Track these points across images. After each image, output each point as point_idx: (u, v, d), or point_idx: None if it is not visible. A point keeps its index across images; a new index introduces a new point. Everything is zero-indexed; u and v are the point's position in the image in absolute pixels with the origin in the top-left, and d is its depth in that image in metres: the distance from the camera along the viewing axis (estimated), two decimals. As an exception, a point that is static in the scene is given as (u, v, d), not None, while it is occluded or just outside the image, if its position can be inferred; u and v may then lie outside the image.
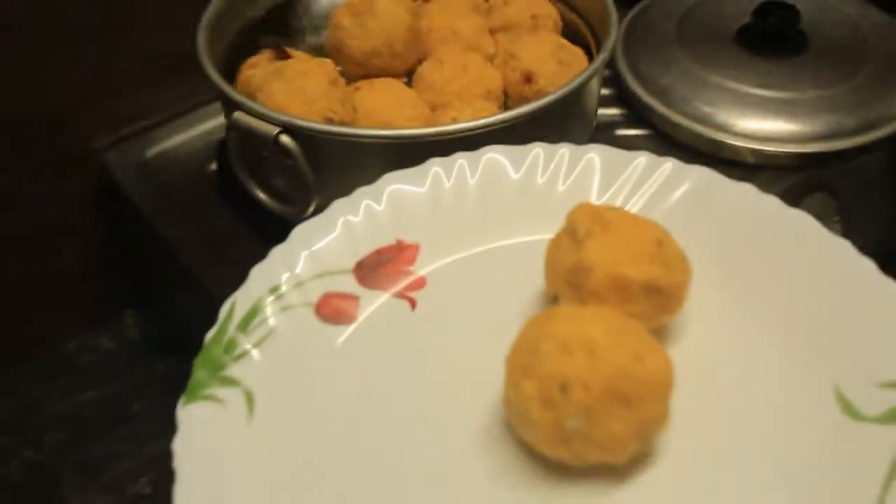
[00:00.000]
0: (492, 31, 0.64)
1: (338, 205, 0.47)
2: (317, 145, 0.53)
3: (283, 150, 0.53)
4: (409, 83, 0.61)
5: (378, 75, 0.61)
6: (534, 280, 0.43)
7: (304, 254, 0.44)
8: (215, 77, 0.56)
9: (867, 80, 0.69)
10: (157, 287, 0.78)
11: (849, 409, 0.38)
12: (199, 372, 0.39)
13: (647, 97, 0.69)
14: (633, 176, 0.47)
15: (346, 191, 0.47)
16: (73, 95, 0.70)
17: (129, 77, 0.72)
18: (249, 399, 0.38)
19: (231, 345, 0.40)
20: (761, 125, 0.66)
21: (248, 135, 0.54)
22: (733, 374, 0.40)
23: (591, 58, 0.62)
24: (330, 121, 0.54)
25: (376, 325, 0.43)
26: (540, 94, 0.56)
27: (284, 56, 0.60)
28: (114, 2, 0.69)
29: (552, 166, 0.48)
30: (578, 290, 0.39)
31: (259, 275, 0.43)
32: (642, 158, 0.48)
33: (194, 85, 0.71)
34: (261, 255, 0.64)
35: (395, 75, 0.62)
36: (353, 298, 0.44)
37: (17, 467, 0.72)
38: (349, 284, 0.44)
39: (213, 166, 0.71)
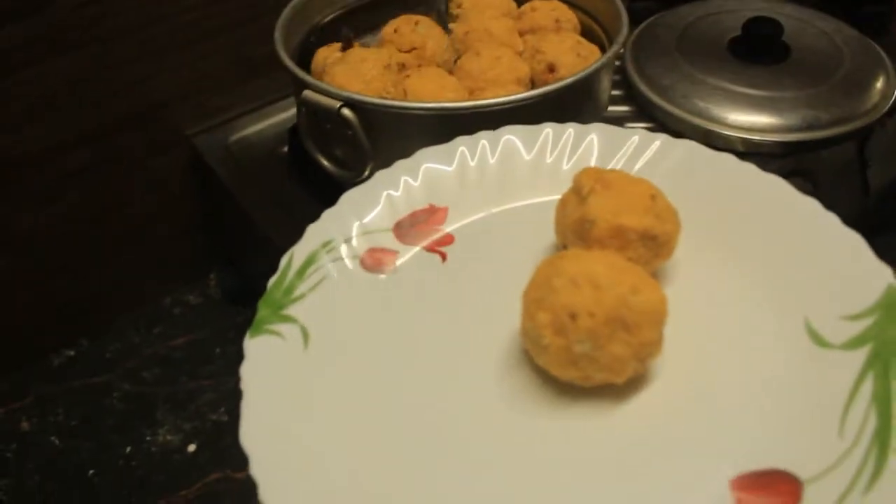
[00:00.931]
0: (521, 33, 0.63)
1: (380, 175, 0.47)
2: (372, 117, 0.52)
3: (344, 121, 0.52)
4: (451, 72, 0.60)
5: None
6: (545, 235, 0.43)
7: (351, 215, 0.45)
8: (288, 62, 0.55)
9: (839, 83, 0.68)
10: (237, 250, 0.78)
11: (817, 339, 0.37)
12: (263, 311, 0.39)
13: (652, 96, 0.67)
14: (628, 150, 0.47)
15: (396, 158, 0.47)
16: (173, 90, 0.71)
17: (218, 76, 0.73)
18: (305, 334, 0.39)
19: (289, 289, 0.40)
20: (749, 118, 0.64)
21: (314, 109, 0.53)
22: (717, 311, 0.40)
23: (604, 53, 0.61)
24: (384, 98, 0.53)
25: (411, 274, 0.43)
26: (561, 81, 0.55)
27: (350, 47, 0.60)
28: (207, 14, 0.69)
29: (559, 146, 0.48)
30: (584, 240, 0.39)
31: (314, 232, 0.43)
32: (636, 136, 0.47)
33: (270, 84, 0.72)
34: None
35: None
36: (392, 252, 0.44)
37: (119, 398, 0.71)
38: (389, 241, 0.44)
39: (284, 149, 0.71)
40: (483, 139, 0.48)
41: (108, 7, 0.64)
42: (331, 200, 0.63)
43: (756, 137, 0.63)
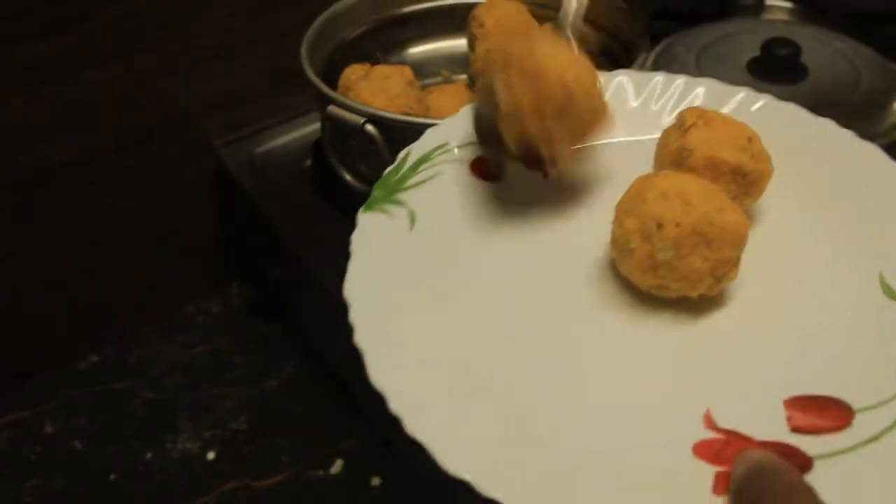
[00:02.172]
0: (541, 52, 0.63)
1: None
2: (395, 133, 0.53)
3: (368, 137, 0.53)
4: (472, 89, 0.60)
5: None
6: (644, 168, 0.44)
7: (468, 124, 0.46)
8: (313, 77, 0.56)
9: (857, 104, 0.67)
10: (259, 260, 0.78)
11: (889, 292, 0.38)
12: (377, 191, 0.42)
13: (670, 115, 0.67)
14: (732, 105, 0.48)
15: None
16: (200, 102, 0.72)
17: (245, 89, 0.74)
18: (412, 216, 0.41)
19: (403, 178, 0.43)
20: (766, 139, 0.64)
21: (338, 124, 0.54)
22: (795, 252, 0.41)
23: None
24: (407, 114, 0.54)
25: (516, 186, 0.45)
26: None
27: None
28: (236, 28, 0.70)
29: (666, 94, 0.49)
30: (680, 167, 0.40)
31: (432, 134, 0.45)
32: (742, 93, 0.48)
33: (295, 98, 0.72)
34: (343, 235, 0.64)
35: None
36: (500, 164, 0.46)
37: (140, 404, 0.72)
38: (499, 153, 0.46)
39: (308, 163, 0.71)
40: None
41: (140, 22, 0.65)
42: (354, 214, 0.64)
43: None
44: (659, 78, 0.49)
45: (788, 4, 0.83)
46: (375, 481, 0.65)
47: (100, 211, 0.71)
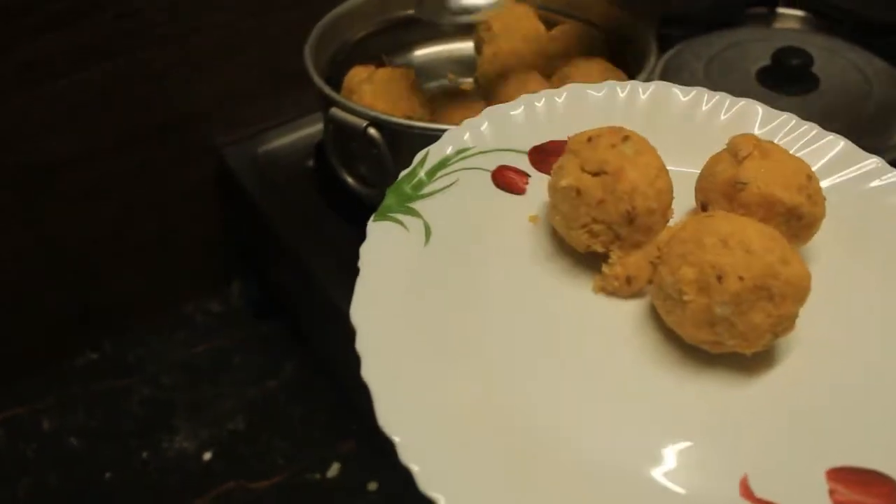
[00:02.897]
0: (550, 57, 0.62)
1: (524, 96, 0.44)
2: (398, 137, 0.52)
3: (370, 140, 0.52)
4: (479, 96, 0.60)
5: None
6: (680, 200, 0.40)
7: (491, 128, 0.43)
8: (317, 79, 0.55)
9: (868, 116, 0.66)
10: (260, 260, 0.78)
11: None
12: (390, 198, 0.39)
13: (678, 123, 0.66)
14: (783, 127, 0.44)
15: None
16: (204, 102, 0.71)
17: (249, 89, 0.73)
18: (427, 230, 0.38)
19: (419, 184, 0.40)
20: (775, 149, 0.62)
21: (341, 127, 0.53)
22: (845, 306, 0.38)
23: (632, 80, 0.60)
24: (410, 118, 0.53)
25: (539, 202, 0.41)
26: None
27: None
28: (240, 28, 0.69)
29: (713, 103, 0.45)
30: (730, 202, 0.37)
31: (451, 136, 0.42)
32: (793, 118, 0.44)
33: (298, 98, 0.71)
34: (345, 236, 0.63)
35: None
36: (524, 175, 0.42)
37: (139, 402, 0.71)
38: (523, 163, 0.42)
39: (311, 163, 0.71)
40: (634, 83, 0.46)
41: (141, 19, 0.64)
42: (356, 216, 0.62)
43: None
44: (702, 91, 0.45)
45: (800, 13, 0.81)
46: (372, 486, 0.64)
47: (101, 209, 0.70)
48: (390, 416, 0.30)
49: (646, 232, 0.37)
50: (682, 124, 0.45)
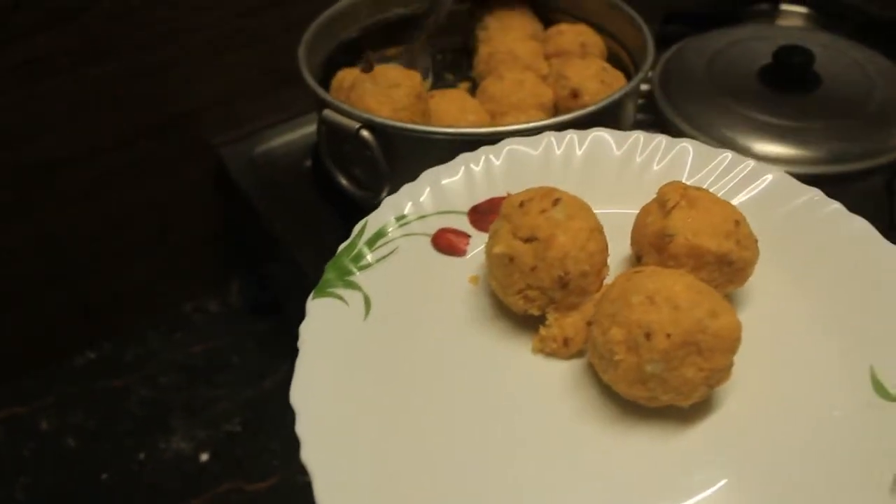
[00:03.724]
0: (546, 56, 0.61)
1: (463, 156, 0.44)
2: (391, 140, 0.51)
3: (363, 142, 0.51)
4: (474, 95, 0.59)
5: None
6: (619, 246, 0.40)
7: (429, 192, 0.43)
8: (310, 80, 0.54)
9: (870, 115, 0.65)
10: (258, 260, 0.77)
11: (880, 389, 0.35)
12: (329, 274, 0.39)
13: (678, 122, 0.65)
14: (718, 167, 0.44)
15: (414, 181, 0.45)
16: (200, 101, 0.71)
17: (246, 87, 0.72)
18: (367, 302, 0.38)
19: (358, 256, 0.40)
20: (776, 149, 0.62)
21: (334, 129, 0.52)
22: (783, 344, 0.38)
23: (629, 80, 0.59)
24: (403, 119, 0.52)
25: (480, 262, 0.41)
26: (584, 108, 0.53)
27: (370, 69, 0.58)
28: (237, 26, 0.69)
29: (649, 150, 0.45)
30: (660, 253, 0.37)
31: (389, 204, 0.42)
32: (728, 154, 0.45)
33: (296, 96, 0.70)
34: (343, 237, 0.63)
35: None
36: (465, 236, 0.42)
37: (135, 402, 0.71)
38: (463, 224, 0.43)
39: (308, 163, 0.70)
40: (571, 133, 0.46)
41: (139, 17, 0.64)
42: (354, 216, 0.62)
43: (782, 169, 0.61)
44: (639, 136, 0.45)
45: (803, 10, 0.80)
46: (368, 488, 0.64)
47: (98, 208, 0.69)
48: (329, 499, 0.30)
49: (580, 294, 0.37)
50: (620, 172, 0.45)
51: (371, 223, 0.41)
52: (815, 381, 0.36)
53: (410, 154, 0.52)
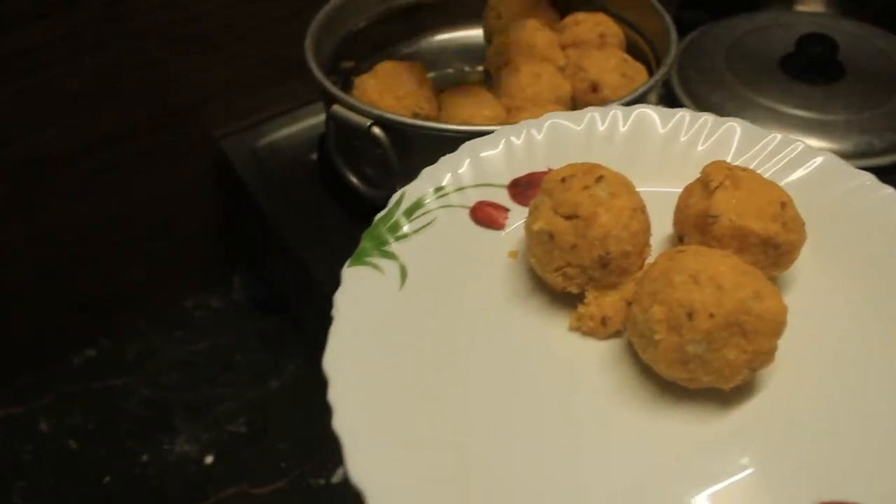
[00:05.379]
0: (563, 47, 0.59)
1: (504, 129, 0.43)
2: (403, 136, 0.49)
3: (374, 140, 0.49)
4: (487, 85, 0.57)
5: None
6: (662, 225, 0.39)
7: (468, 164, 0.42)
8: (318, 74, 0.52)
9: (896, 106, 0.62)
10: (260, 256, 0.75)
11: None
12: (366, 243, 0.38)
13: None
14: (765, 149, 0.43)
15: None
16: (202, 93, 0.69)
17: (246, 79, 0.70)
18: (403, 272, 0.37)
19: (395, 226, 0.39)
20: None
21: (344, 126, 0.50)
22: (828, 331, 0.36)
23: (650, 72, 0.57)
24: (416, 115, 0.50)
25: (519, 236, 0.40)
26: (604, 103, 0.51)
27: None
28: (239, 13, 0.66)
29: (695, 128, 0.43)
30: (703, 234, 0.36)
31: (428, 174, 0.41)
32: (777, 136, 0.43)
33: (300, 87, 0.69)
34: (349, 233, 0.61)
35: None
36: (504, 210, 0.41)
37: (137, 402, 0.69)
38: (503, 197, 0.42)
39: (313, 156, 0.68)
40: (615, 109, 0.44)
41: (140, 6, 0.61)
42: (360, 212, 0.60)
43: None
44: (685, 114, 0.44)
45: (825, -5, 0.78)
46: (377, 492, 0.62)
47: (97, 203, 0.68)
48: (361, 470, 0.30)
49: (621, 273, 0.36)
50: (664, 150, 0.43)
51: (409, 194, 0.40)
52: (860, 370, 0.35)
53: (423, 151, 0.49)
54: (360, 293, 0.36)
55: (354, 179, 0.54)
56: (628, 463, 0.32)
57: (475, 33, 0.64)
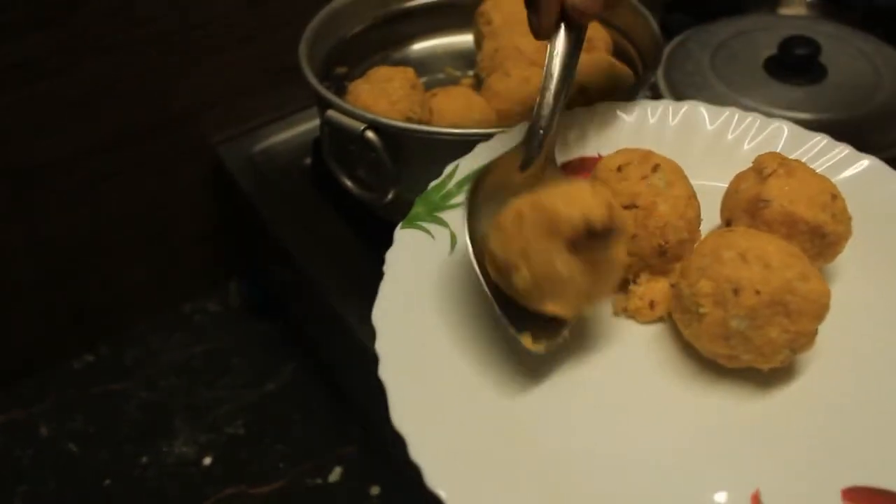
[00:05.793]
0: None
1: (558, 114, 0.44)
2: (397, 140, 0.50)
3: (368, 144, 0.50)
4: (478, 91, 0.58)
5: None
6: (708, 215, 0.40)
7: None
8: (312, 80, 0.53)
9: (878, 107, 0.64)
10: (257, 260, 0.76)
11: None
12: (418, 207, 0.40)
13: (683, 115, 0.64)
14: (812, 150, 0.44)
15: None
16: (198, 99, 0.70)
17: (242, 86, 0.71)
18: (453, 239, 0.39)
19: (448, 195, 0.40)
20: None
21: (338, 130, 0.51)
22: (867, 324, 0.38)
23: (637, 75, 0.58)
24: (409, 119, 0.51)
25: None
26: (590, 104, 0.52)
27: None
28: (234, 22, 0.67)
29: (742, 127, 0.45)
30: (753, 218, 0.37)
31: (483, 150, 0.42)
32: (824, 138, 0.45)
33: (294, 93, 0.70)
34: (343, 237, 0.62)
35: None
36: None
37: (136, 406, 0.70)
38: None
39: (308, 161, 0.69)
40: (665, 104, 0.46)
41: (135, 13, 0.62)
42: (354, 215, 0.61)
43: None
44: (733, 112, 0.45)
45: (808, -2, 0.80)
46: (374, 490, 0.63)
47: (96, 209, 0.68)
48: (403, 414, 0.31)
49: (675, 260, 0.37)
50: (712, 146, 0.45)
51: (462, 166, 0.42)
52: None
53: (415, 154, 0.51)
54: (410, 253, 0.37)
55: (349, 183, 0.55)
56: (664, 439, 0.33)
57: (466, 38, 0.65)
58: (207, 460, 0.66)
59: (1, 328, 0.69)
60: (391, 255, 0.37)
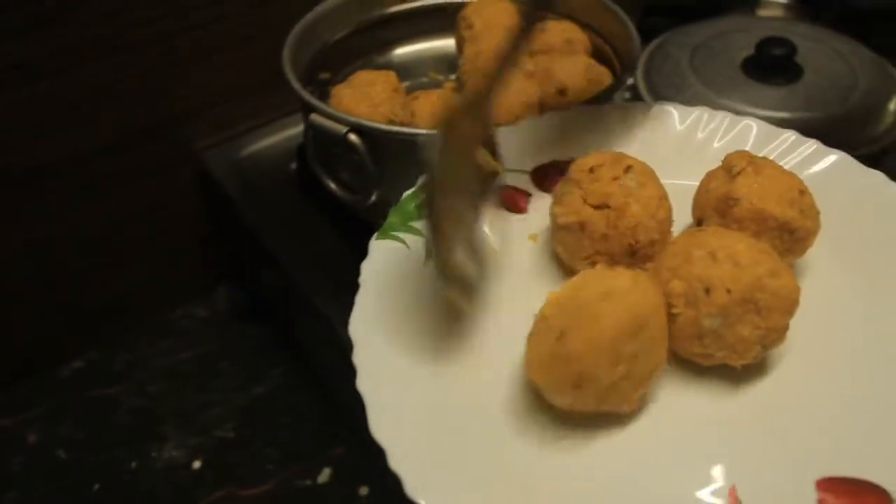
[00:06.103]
0: (531, 53, 0.61)
1: (529, 120, 0.46)
2: (379, 143, 0.51)
3: (351, 146, 0.51)
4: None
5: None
6: (679, 214, 0.41)
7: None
8: (296, 84, 0.54)
9: (853, 106, 0.65)
10: (245, 265, 0.77)
11: None
12: (393, 217, 0.40)
13: (663, 115, 0.65)
14: (781, 146, 0.45)
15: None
16: (183, 105, 0.70)
17: (226, 92, 0.71)
18: (428, 248, 0.39)
19: (422, 205, 0.40)
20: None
21: (322, 134, 0.52)
22: (838, 318, 0.39)
23: (615, 76, 0.59)
24: (391, 122, 0.52)
25: (540, 221, 0.42)
26: (570, 105, 0.53)
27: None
28: (220, 29, 0.68)
29: (712, 126, 0.46)
30: (723, 217, 0.38)
31: None
32: (792, 134, 0.46)
33: (279, 98, 0.70)
34: (329, 240, 0.63)
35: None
36: (525, 194, 0.43)
37: (125, 411, 0.70)
38: (525, 182, 0.44)
39: (293, 166, 0.69)
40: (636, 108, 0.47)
41: (122, 21, 0.63)
42: (340, 219, 0.62)
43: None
44: (702, 112, 0.46)
45: (784, 0, 0.81)
46: (363, 491, 0.64)
47: (83, 214, 0.68)
48: (381, 425, 0.32)
49: (646, 260, 0.38)
50: (682, 145, 0.46)
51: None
52: (867, 357, 0.36)
53: (397, 156, 0.51)
54: (385, 265, 0.38)
55: (333, 186, 0.55)
56: (641, 439, 0.34)
57: (448, 43, 0.66)
58: (197, 464, 0.66)
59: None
60: (366, 267, 0.37)
